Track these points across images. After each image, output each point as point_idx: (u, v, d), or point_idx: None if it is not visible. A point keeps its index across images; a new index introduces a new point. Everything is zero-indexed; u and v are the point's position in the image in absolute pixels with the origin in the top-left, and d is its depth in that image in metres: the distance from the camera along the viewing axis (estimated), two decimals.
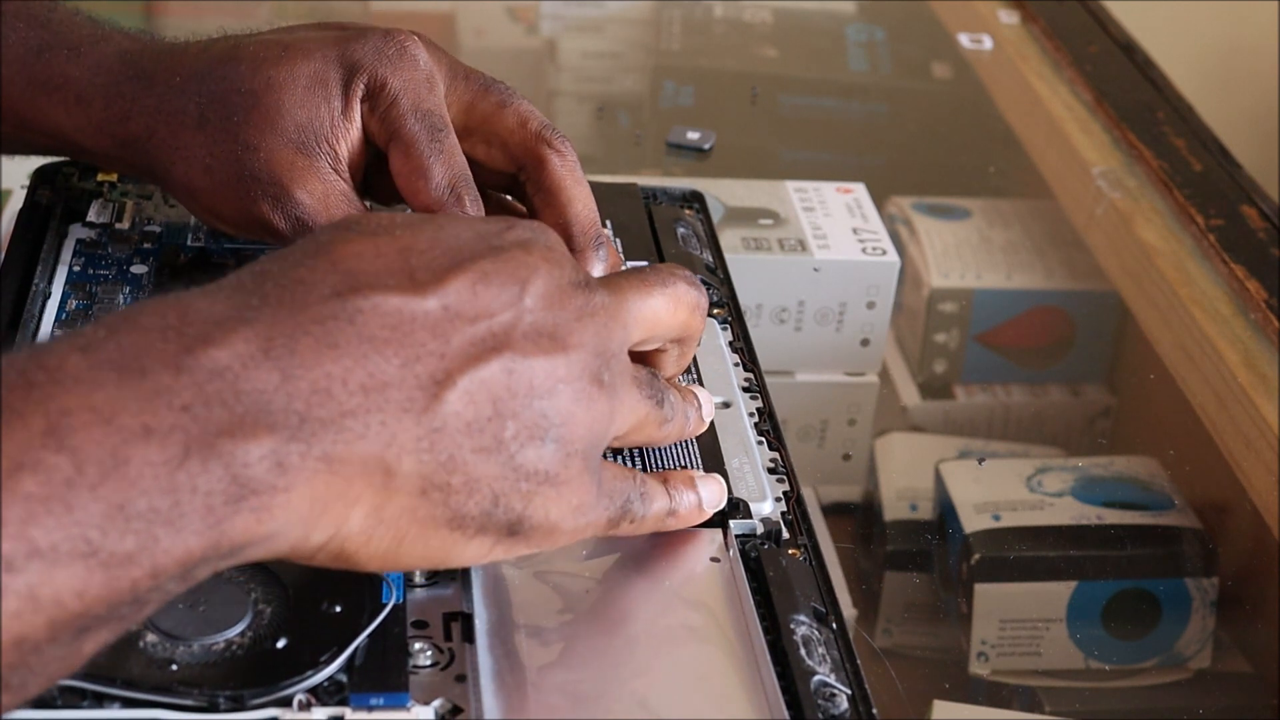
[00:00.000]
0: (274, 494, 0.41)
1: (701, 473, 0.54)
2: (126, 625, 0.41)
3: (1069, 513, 0.73)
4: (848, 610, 0.69)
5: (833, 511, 0.76)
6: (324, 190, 0.58)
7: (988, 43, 1.12)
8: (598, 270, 0.61)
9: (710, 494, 0.54)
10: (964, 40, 1.13)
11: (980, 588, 0.70)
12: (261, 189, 0.58)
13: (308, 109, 0.58)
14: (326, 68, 0.59)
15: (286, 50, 0.59)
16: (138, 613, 0.40)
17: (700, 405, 0.55)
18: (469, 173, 0.59)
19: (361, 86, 0.59)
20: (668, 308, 0.51)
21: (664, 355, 0.54)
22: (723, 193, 0.81)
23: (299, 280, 0.44)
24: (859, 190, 0.83)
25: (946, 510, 0.74)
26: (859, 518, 0.79)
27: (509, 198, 0.64)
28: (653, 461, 0.56)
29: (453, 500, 0.45)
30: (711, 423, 0.58)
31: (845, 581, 0.70)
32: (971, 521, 0.72)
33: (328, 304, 0.43)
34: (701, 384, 0.61)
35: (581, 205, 0.61)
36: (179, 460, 0.40)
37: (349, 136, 0.59)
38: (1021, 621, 0.71)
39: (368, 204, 0.67)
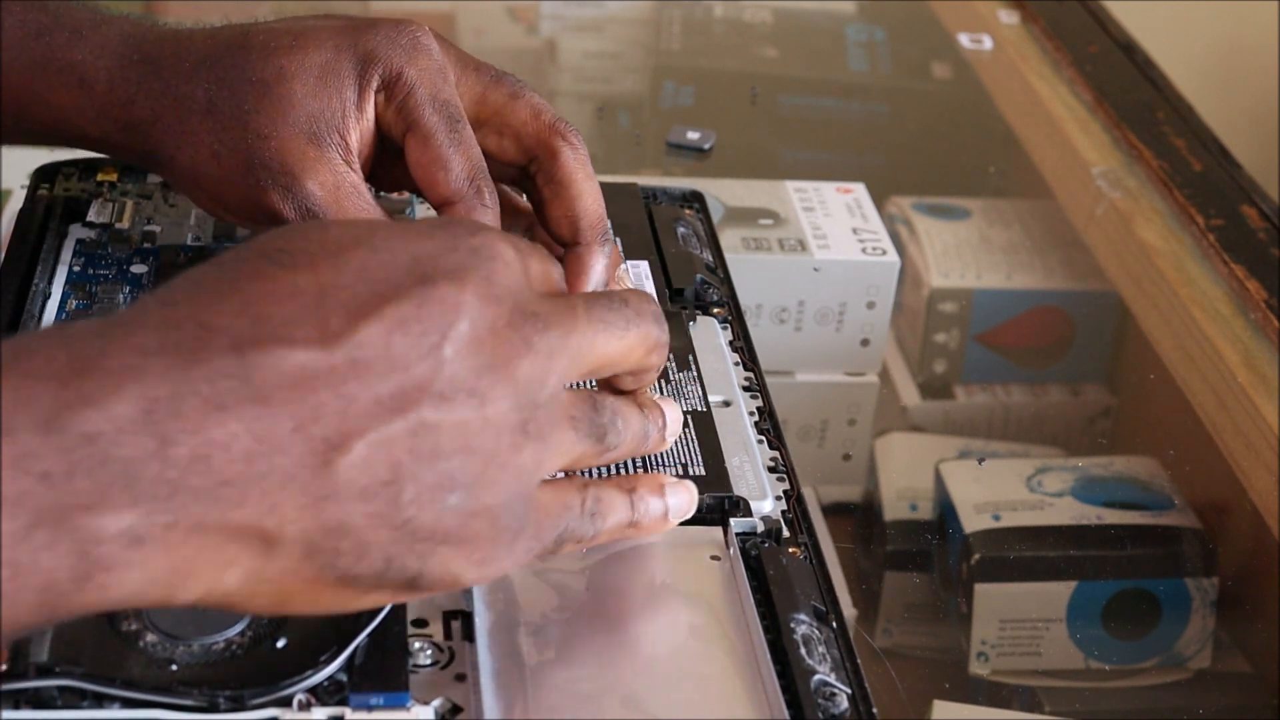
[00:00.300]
0: (126, 569, 0.39)
1: (674, 479, 0.53)
2: None
3: (1069, 513, 0.73)
4: (848, 610, 0.69)
5: (833, 511, 0.76)
6: (335, 181, 0.58)
7: (988, 43, 1.12)
8: (598, 269, 0.61)
9: (678, 502, 0.52)
10: (964, 40, 1.13)
11: (980, 588, 0.70)
12: (272, 178, 0.57)
13: (320, 99, 0.58)
14: (339, 57, 0.58)
15: (298, 39, 0.59)
16: None
17: (666, 422, 0.52)
18: (485, 164, 0.59)
19: (376, 77, 0.58)
20: (623, 349, 0.48)
21: (618, 379, 0.51)
22: (723, 193, 0.81)
23: (203, 325, 0.41)
24: (859, 190, 0.83)
25: (946, 510, 0.74)
26: (859, 518, 0.79)
27: (509, 189, 0.64)
28: (650, 460, 0.56)
29: (341, 563, 0.42)
30: (712, 421, 0.58)
31: (845, 581, 0.70)
32: (971, 521, 0.72)
33: (225, 359, 0.40)
34: (702, 384, 0.61)
35: (591, 200, 0.60)
36: (24, 533, 0.37)
37: (361, 127, 0.59)
38: (1021, 621, 0.71)
39: (380, 194, 0.67)
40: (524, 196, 0.63)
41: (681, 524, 0.55)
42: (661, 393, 0.60)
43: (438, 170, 0.58)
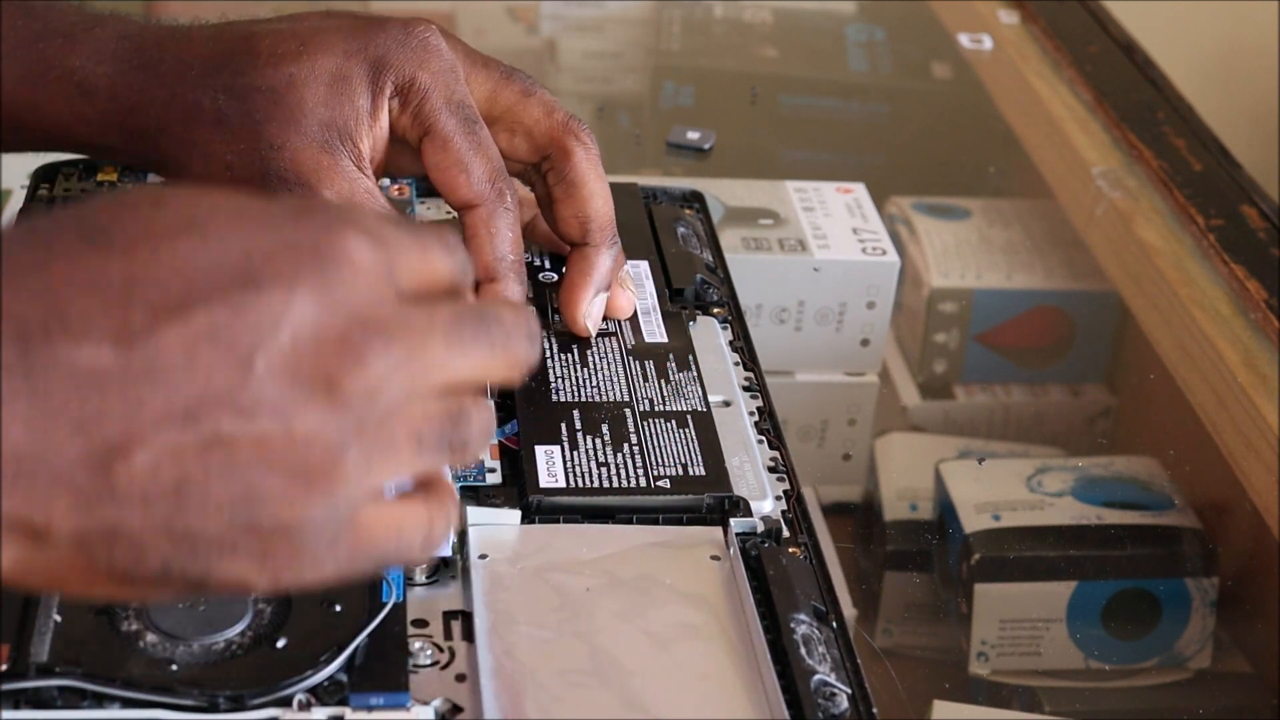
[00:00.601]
0: None
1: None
2: None
3: (1069, 513, 0.73)
4: (848, 610, 0.69)
5: (833, 511, 0.76)
6: (350, 189, 0.57)
7: (988, 43, 1.12)
8: (603, 270, 0.60)
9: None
10: (964, 40, 1.13)
11: (980, 588, 0.70)
12: (287, 189, 0.57)
13: (332, 107, 0.57)
14: (349, 63, 0.58)
15: (305, 44, 0.58)
16: None
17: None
18: (504, 165, 0.59)
19: (390, 84, 0.58)
20: (479, 372, 0.44)
21: None
22: (723, 193, 0.81)
23: None
24: (859, 190, 0.83)
25: (946, 510, 0.74)
26: (859, 518, 0.79)
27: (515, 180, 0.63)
28: (651, 459, 0.56)
29: (116, 563, 0.39)
30: (712, 421, 0.58)
31: (845, 581, 0.70)
32: (971, 521, 0.72)
33: (9, 349, 0.38)
34: (702, 384, 0.61)
35: (602, 201, 0.60)
36: None
37: (373, 134, 0.58)
38: (1021, 621, 0.71)
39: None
40: (529, 189, 0.63)
41: (682, 524, 0.55)
42: (662, 394, 0.60)
43: (458, 174, 0.58)
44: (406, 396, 0.41)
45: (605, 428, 0.57)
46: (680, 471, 0.56)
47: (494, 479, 0.56)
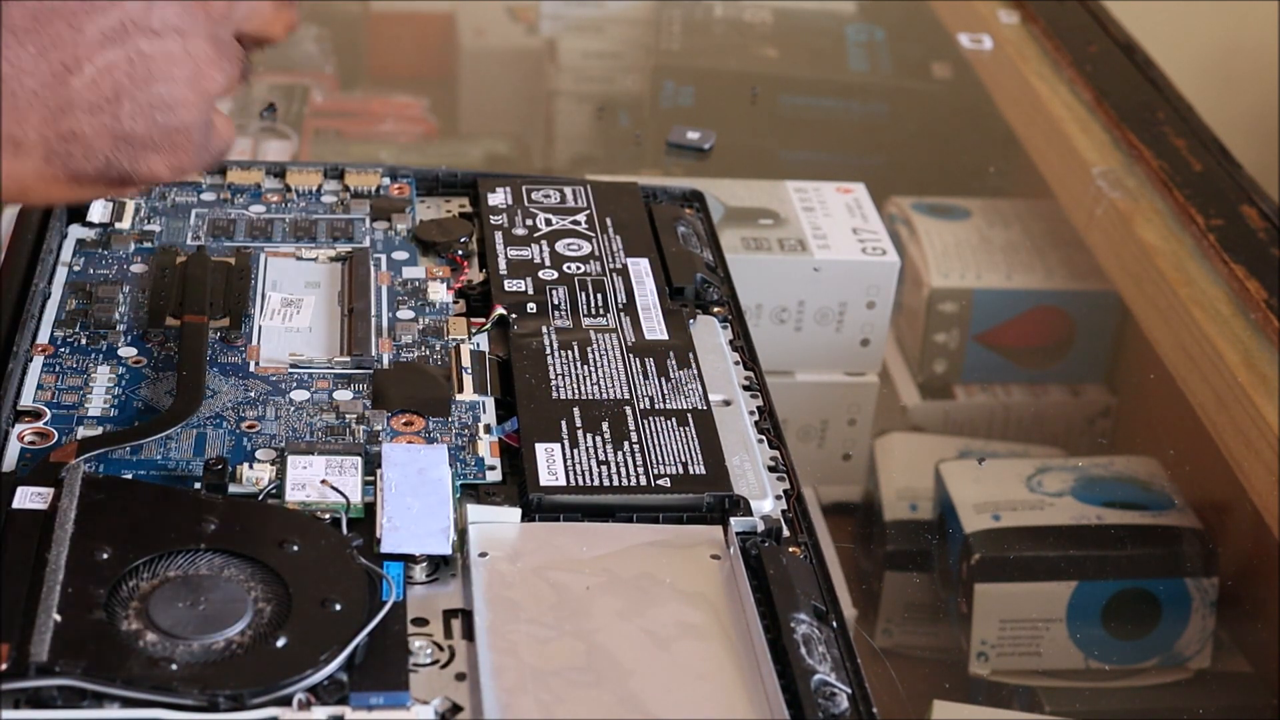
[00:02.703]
0: None
1: None
2: None
3: (1069, 513, 0.73)
4: (848, 610, 0.69)
5: (833, 511, 0.76)
6: None
7: (988, 43, 1.12)
8: None
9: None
10: (964, 40, 1.13)
11: (980, 588, 0.70)
12: None
13: None
14: None
15: None
16: None
17: None
18: None
19: None
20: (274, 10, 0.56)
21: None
22: (723, 193, 0.81)
23: None
24: (859, 190, 0.83)
25: (946, 510, 0.74)
26: (859, 518, 0.79)
27: None
28: (651, 458, 0.56)
29: (71, 164, 0.50)
30: (712, 420, 0.58)
31: (845, 581, 0.70)
32: (971, 521, 0.72)
33: None
34: (702, 382, 0.61)
35: None
36: None
37: None
38: (1021, 621, 0.71)
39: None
40: None
41: (682, 523, 0.55)
42: (662, 392, 0.60)
43: None
44: (240, 22, 0.54)
45: (605, 426, 0.57)
46: (680, 470, 0.56)
47: (494, 477, 0.56)
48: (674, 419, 0.58)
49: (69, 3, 0.49)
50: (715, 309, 0.66)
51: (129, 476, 0.55)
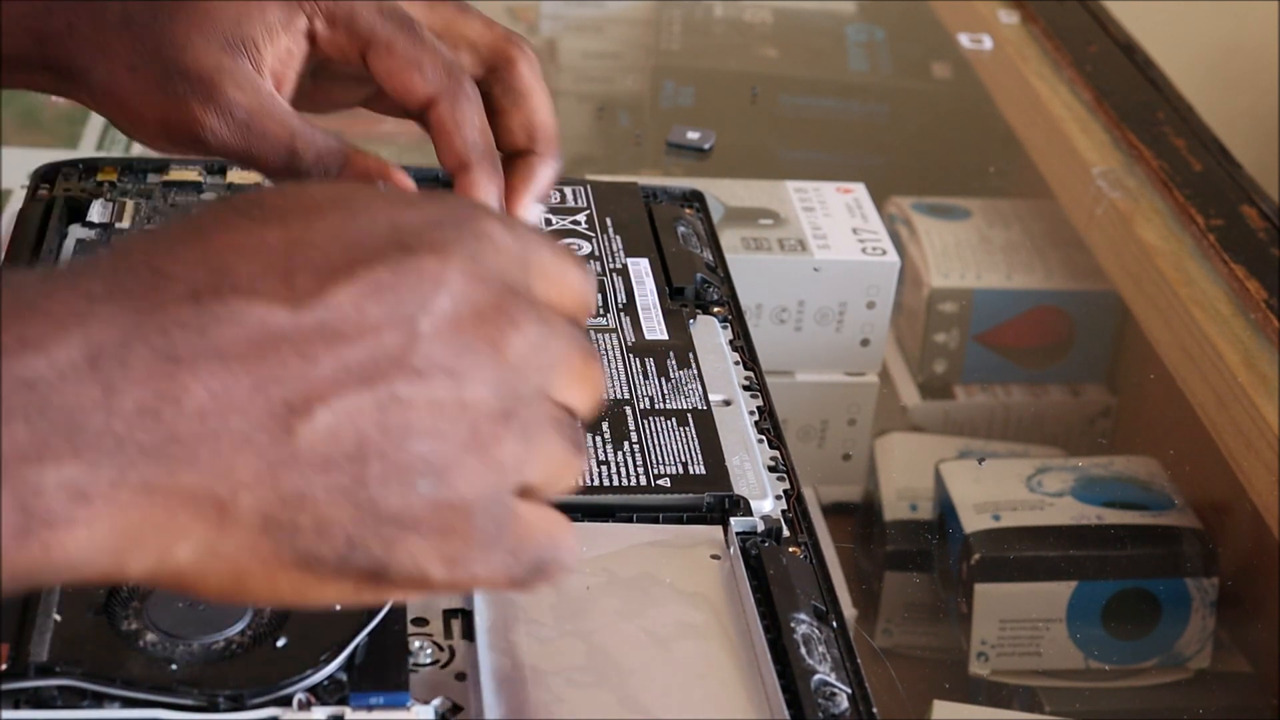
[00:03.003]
0: (70, 527, 0.36)
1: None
2: None
3: (1069, 513, 0.73)
4: (848, 610, 0.69)
5: (833, 511, 0.76)
6: (254, 86, 0.56)
7: (988, 43, 1.12)
8: (546, 178, 0.59)
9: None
10: (964, 40, 1.13)
11: (980, 588, 0.70)
12: (190, 87, 0.55)
13: (240, 15, 0.56)
14: None
15: None
16: None
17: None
18: (455, 60, 0.57)
19: (309, 3, 0.57)
20: (583, 380, 0.43)
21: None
22: (723, 193, 0.81)
23: (157, 271, 0.38)
24: (859, 190, 0.83)
25: (946, 510, 0.74)
26: (859, 518, 0.79)
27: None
28: (651, 458, 0.56)
29: (300, 541, 0.39)
30: (712, 420, 0.58)
31: (845, 581, 0.70)
32: (971, 521, 0.72)
33: (181, 307, 0.38)
34: (702, 382, 0.61)
35: (547, 110, 0.60)
36: None
37: (277, 45, 0.57)
38: (1021, 621, 0.71)
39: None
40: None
41: (682, 523, 0.55)
42: (662, 392, 0.60)
43: (411, 73, 0.56)
44: (546, 379, 0.42)
45: (605, 425, 0.57)
46: (680, 470, 0.56)
47: None
48: (674, 419, 0.58)
49: (303, 328, 0.38)
50: (715, 309, 0.66)
51: None
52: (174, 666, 0.46)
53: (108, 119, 0.59)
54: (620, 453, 0.56)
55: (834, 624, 0.51)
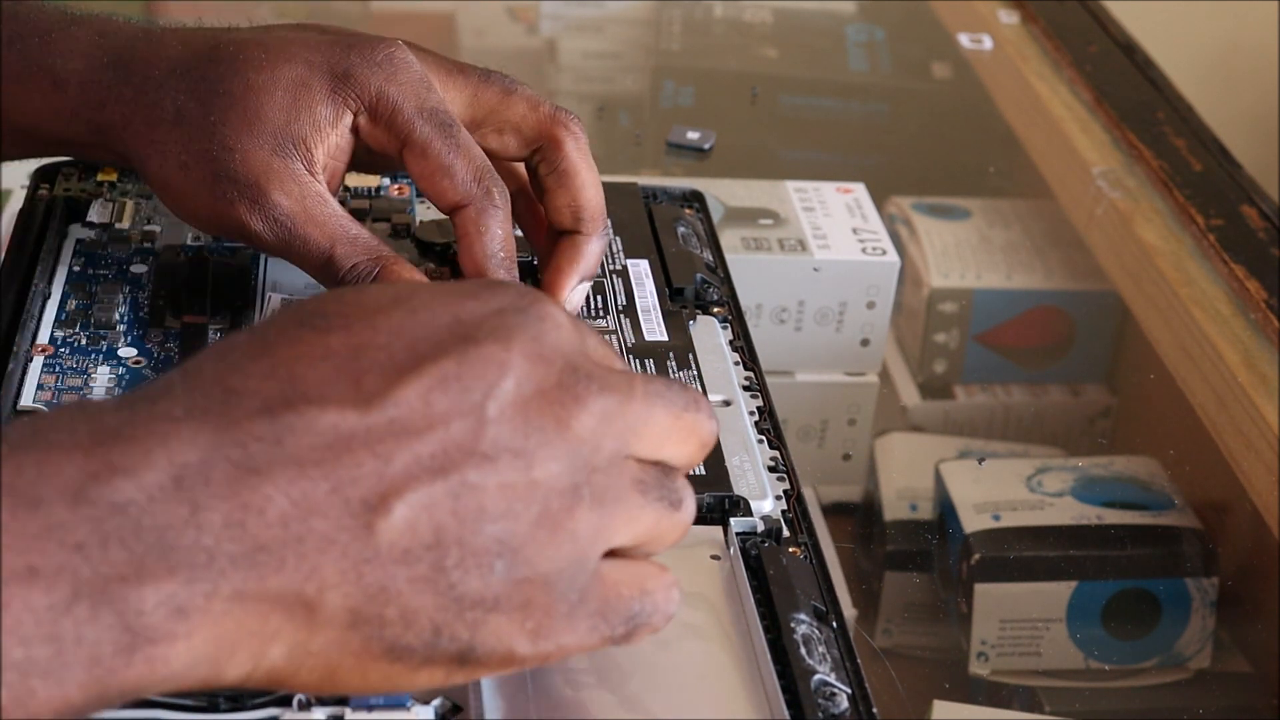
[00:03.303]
0: (172, 641, 0.38)
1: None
2: None
3: (1069, 513, 0.73)
4: (848, 610, 0.69)
5: (833, 511, 0.76)
6: (300, 192, 0.57)
7: (988, 43, 1.12)
8: (593, 257, 0.60)
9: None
10: (964, 40, 1.13)
11: (980, 588, 0.70)
12: (238, 190, 0.57)
13: (289, 114, 0.57)
14: (312, 75, 0.58)
15: (268, 53, 0.58)
16: None
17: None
18: (490, 163, 0.58)
19: (354, 98, 0.58)
20: (678, 432, 0.45)
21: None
22: (723, 193, 0.81)
23: (230, 390, 0.40)
24: (859, 190, 0.83)
25: (946, 510, 0.74)
26: (859, 518, 0.79)
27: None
28: None
29: (387, 633, 0.40)
30: None
31: (845, 581, 0.70)
32: (971, 521, 0.72)
33: (255, 422, 0.39)
34: (702, 383, 0.61)
35: (594, 190, 0.61)
36: (65, 606, 0.37)
37: (328, 141, 0.58)
38: (1021, 621, 0.71)
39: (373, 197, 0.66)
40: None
41: None
42: None
43: (441, 178, 0.58)
44: (624, 445, 0.43)
45: None
46: None
47: None
48: None
49: (374, 428, 0.40)
50: (715, 309, 0.66)
51: None
52: None
53: (164, 205, 0.61)
54: None
55: (834, 624, 0.51)
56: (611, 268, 0.67)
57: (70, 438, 0.39)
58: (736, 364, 0.63)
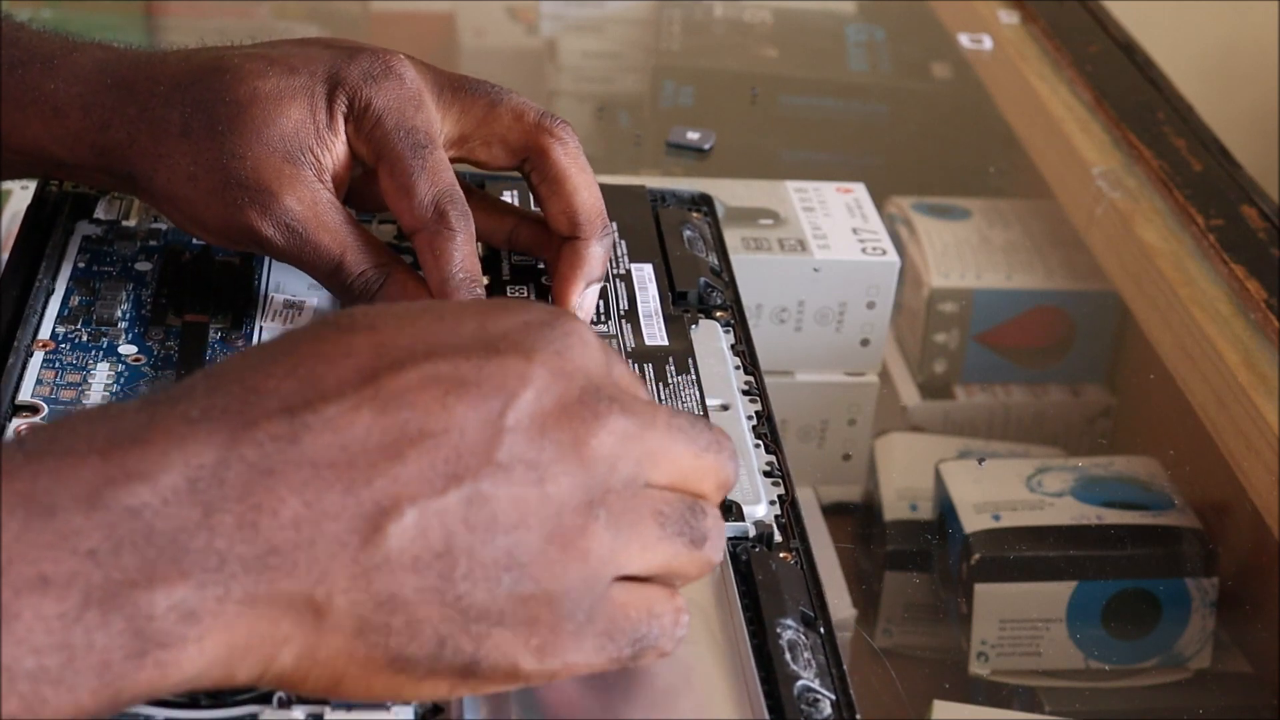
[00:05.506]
0: (183, 645, 0.38)
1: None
2: None
3: (1069, 513, 0.73)
4: (848, 610, 0.69)
5: (833, 511, 0.76)
6: (312, 197, 0.58)
7: (988, 43, 1.12)
8: (595, 261, 0.60)
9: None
10: (964, 40, 1.13)
11: (980, 588, 0.70)
12: (249, 196, 0.57)
13: (294, 120, 0.58)
14: (312, 83, 0.58)
15: (272, 64, 0.59)
16: None
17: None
18: (456, 187, 0.58)
19: (344, 103, 0.58)
20: (697, 469, 0.45)
21: None
22: (723, 193, 0.81)
23: (251, 389, 0.40)
24: (859, 190, 0.83)
25: (946, 510, 0.74)
26: (859, 518, 0.79)
27: (488, 195, 0.64)
28: None
29: (393, 643, 0.40)
30: None
31: (845, 581, 0.71)
32: (971, 521, 0.72)
33: (273, 422, 0.39)
34: (700, 387, 0.61)
35: (586, 194, 0.61)
36: (75, 614, 0.37)
37: (333, 150, 0.59)
38: (1021, 621, 0.71)
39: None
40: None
41: None
42: (659, 397, 0.60)
43: (401, 198, 0.58)
44: (641, 471, 0.43)
45: None
46: None
47: None
48: None
49: (390, 432, 0.40)
50: (718, 313, 0.66)
51: None
52: None
53: (167, 218, 0.62)
54: None
55: (821, 630, 0.51)
56: (615, 272, 0.67)
57: (89, 443, 0.39)
58: (737, 368, 0.63)
